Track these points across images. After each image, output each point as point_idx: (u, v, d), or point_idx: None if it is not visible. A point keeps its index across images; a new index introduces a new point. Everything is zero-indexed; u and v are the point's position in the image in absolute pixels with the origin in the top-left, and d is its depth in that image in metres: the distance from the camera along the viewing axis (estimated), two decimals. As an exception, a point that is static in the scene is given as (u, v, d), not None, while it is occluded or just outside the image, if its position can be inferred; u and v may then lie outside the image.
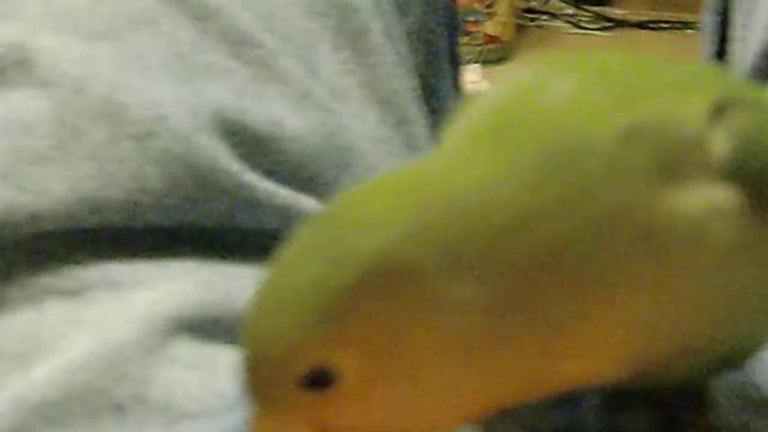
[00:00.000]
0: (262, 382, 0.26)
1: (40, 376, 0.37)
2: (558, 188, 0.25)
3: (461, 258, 0.25)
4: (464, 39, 1.71)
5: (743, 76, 0.53)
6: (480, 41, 1.89)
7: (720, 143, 0.27)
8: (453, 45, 0.60)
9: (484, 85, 1.81)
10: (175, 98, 0.42)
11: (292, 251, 0.26)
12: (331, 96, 0.47)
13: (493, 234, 0.25)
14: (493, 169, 0.26)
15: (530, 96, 0.28)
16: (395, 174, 0.27)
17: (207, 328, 0.40)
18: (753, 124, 0.27)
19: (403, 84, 0.52)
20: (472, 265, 0.25)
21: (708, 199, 0.26)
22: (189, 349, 0.40)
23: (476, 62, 1.88)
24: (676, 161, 0.26)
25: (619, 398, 0.33)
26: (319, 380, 0.26)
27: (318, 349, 0.26)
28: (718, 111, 0.27)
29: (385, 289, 0.25)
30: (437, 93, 0.58)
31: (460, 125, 0.28)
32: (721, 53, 0.62)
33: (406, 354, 0.26)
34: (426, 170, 0.27)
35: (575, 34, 1.99)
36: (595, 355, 0.27)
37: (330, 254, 0.26)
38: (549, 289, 0.26)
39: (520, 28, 1.96)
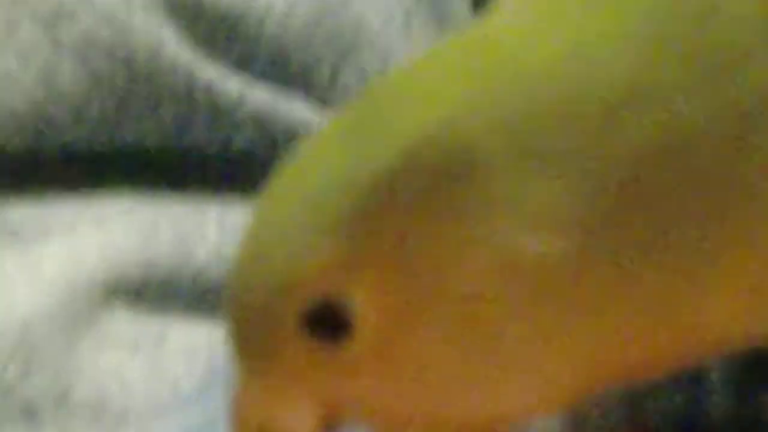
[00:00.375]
0: (249, 326, 0.22)
1: None
2: (699, 60, 0.20)
3: (542, 150, 0.20)
4: None
5: None
6: None
7: None
8: None
9: None
10: None
11: (299, 154, 0.22)
12: None
13: (592, 119, 0.20)
14: (591, 33, 0.21)
15: None
16: (449, 44, 0.22)
17: (152, 292, 0.36)
18: None
19: None
20: (560, 160, 0.20)
21: None
22: (126, 324, 0.35)
23: None
24: None
25: (753, 372, 0.27)
26: (328, 323, 0.20)
27: (328, 273, 0.21)
28: None
29: (429, 186, 0.20)
30: None
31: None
32: None
33: (458, 291, 0.20)
34: (492, 35, 0.22)
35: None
36: (738, 303, 0.21)
37: (354, 141, 0.21)
38: (676, 204, 0.21)
39: None
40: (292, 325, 0.21)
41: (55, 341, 0.35)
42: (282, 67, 0.39)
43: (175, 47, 0.37)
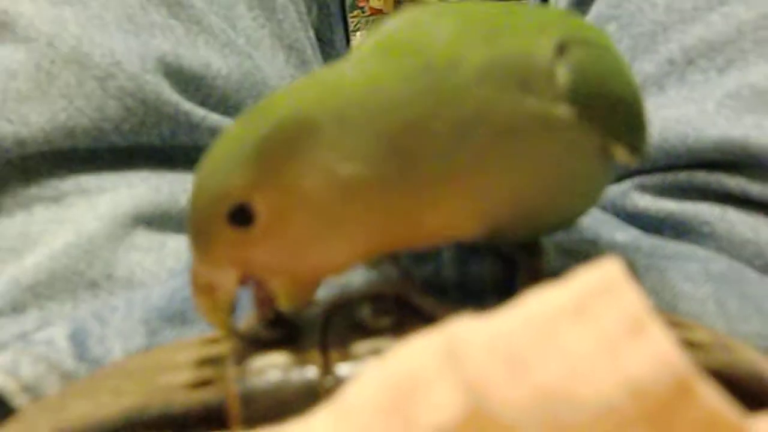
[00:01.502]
0: (197, 222, 0.28)
1: (30, 263, 0.41)
2: (432, 94, 0.28)
3: (350, 121, 0.27)
4: (354, 12, 1.95)
5: (583, 18, 0.53)
6: (367, 13, 2.16)
7: (562, 73, 0.29)
8: (343, 7, 0.64)
9: None
10: (127, 48, 0.46)
11: (227, 128, 0.29)
12: (247, 44, 0.51)
13: (375, 109, 0.27)
14: (381, 71, 0.28)
15: (415, 28, 0.30)
16: (311, 74, 0.30)
17: (158, 221, 0.44)
18: (586, 59, 0.29)
19: (303, 35, 0.56)
20: (359, 127, 0.27)
21: (549, 110, 0.29)
22: (145, 238, 0.43)
23: (364, 29, 2.10)
24: (528, 83, 0.28)
25: (471, 252, 0.35)
26: (241, 217, 0.28)
27: (239, 190, 0.27)
28: (561, 48, 0.29)
29: (292, 140, 0.27)
30: (331, 43, 0.62)
31: (360, 46, 0.31)
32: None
33: (308, 195, 0.27)
34: (330, 71, 0.29)
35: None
36: (455, 213, 0.29)
37: (250, 121, 0.28)
38: (420, 158, 0.28)
39: (399, 3, 2.27)
40: (219, 221, 0.28)
41: (105, 246, 0.42)
42: (225, 103, 0.49)
43: (169, 93, 0.46)
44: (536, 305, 0.21)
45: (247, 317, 0.30)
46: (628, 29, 0.50)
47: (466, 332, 0.21)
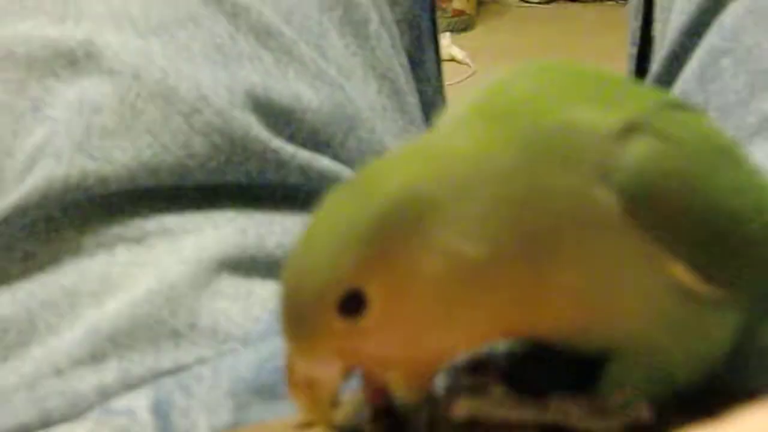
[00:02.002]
0: (299, 312, 0.26)
1: (111, 309, 0.41)
2: (547, 159, 0.27)
3: (469, 195, 0.26)
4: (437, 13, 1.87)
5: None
6: (449, 14, 2.15)
7: (622, 161, 0.27)
8: (434, 25, 0.63)
9: (453, 49, 2.08)
10: (214, 81, 0.45)
11: (326, 203, 0.27)
12: (339, 74, 0.51)
13: (492, 180, 0.27)
14: (490, 138, 0.27)
15: (504, 92, 0.29)
16: (403, 146, 0.28)
17: (244, 266, 0.44)
18: (651, 154, 0.27)
19: (396, 62, 0.55)
20: (478, 202, 0.26)
21: (592, 193, 0.27)
22: (231, 284, 0.43)
23: (447, 31, 2.12)
24: (584, 163, 0.27)
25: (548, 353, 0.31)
26: (352, 305, 0.26)
27: (351, 275, 0.26)
28: (629, 131, 0.27)
29: (411, 219, 0.26)
30: (423, 64, 0.61)
31: (451, 113, 0.30)
32: (645, 28, 0.62)
33: (427, 279, 0.26)
34: (428, 140, 0.29)
35: (522, 7, 2.47)
36: (562, 309, 0.27)
37: (359, 196, 0.27)
38: (539, 232, 0.26)
39: (481, 3, 2.32)
40: (326, 310, 0.26)
41: (189, 293, 0.41)
42: (315, 138, 0.48)
43: (257, 128, 0.45)
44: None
45: (349, 403, 0.29)
46: (744, 65, 0.48)
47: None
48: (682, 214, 0.27)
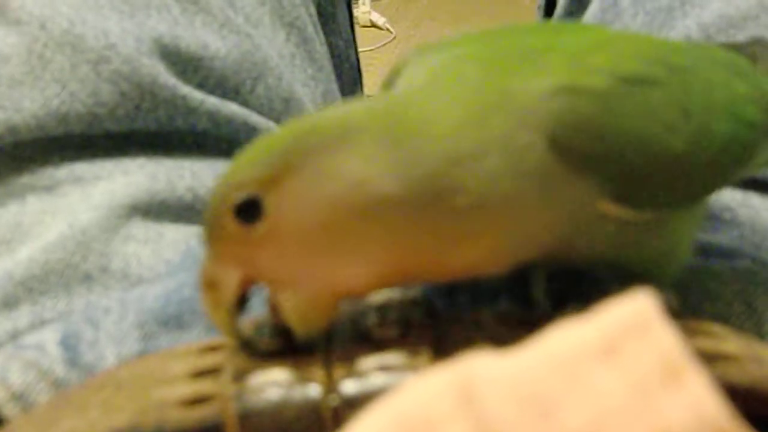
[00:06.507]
0: (207, 214, 0.28)
1: (23, 256, 0.41)
2: (486, 130, 0.28)
3: (397, 138, 0.27)
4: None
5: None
6: None
7: (547, 114, 0.28)
8: None
9: (374, 15, 2.12)
10: (121, 30, 0.45)
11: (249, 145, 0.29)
12: (246, 23, 0.50)
13: (427, 133, 0.27)
14: (435, 98, 0.28)
15: (453, 64, 0.30)
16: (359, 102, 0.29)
17: (155, 210, 0.44)
18: (568, 105, 0.28)
19: (304, 11, 0.55)
20: (405, 148, 0.27)
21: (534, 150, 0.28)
22: (142, 228, 0.43)
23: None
24: (520, 119, 0.28)
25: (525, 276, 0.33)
26: (249, 212, 0.27)
27: (252, 183, 0.27)
28: (558, 92, 0.28)
29: (327, 143, 0.27)
30: (334, 17, 0.61)
31: (403, 78, 0.31)
32: None
33: (327, 202, 0.27)
34: (387, 94, 0.30)
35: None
36: (480, 252, 0.28)
37: (297, 122, 0.28)
38: (459, 191, 0.27)
39: None
40: (227, 213, 0.27)
41: (100, 238, 0.42)
42: (223, 85, 0.48)
43: (165, 76, 0.45)
44: (561, 342, 0.19)
45: (251, 321, 0.29)
46: (643, 4, 0.49)
47: (483, 370, 0.20)
48: (601, 150, 0.28)
